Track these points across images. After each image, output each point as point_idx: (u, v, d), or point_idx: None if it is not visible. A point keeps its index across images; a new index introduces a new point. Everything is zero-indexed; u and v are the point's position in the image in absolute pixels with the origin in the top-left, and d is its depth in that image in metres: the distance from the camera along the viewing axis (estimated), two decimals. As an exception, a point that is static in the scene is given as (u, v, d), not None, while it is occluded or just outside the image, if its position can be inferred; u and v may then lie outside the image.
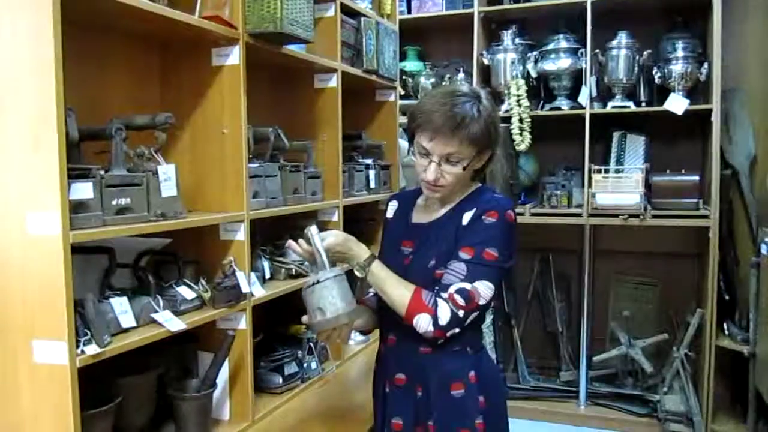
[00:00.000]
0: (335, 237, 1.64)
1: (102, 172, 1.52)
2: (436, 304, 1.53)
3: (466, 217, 1.60)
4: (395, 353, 1.70)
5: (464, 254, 1.55)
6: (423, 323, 1.53)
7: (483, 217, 1.58)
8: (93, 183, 1.47)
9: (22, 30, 1.36)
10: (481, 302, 1.54)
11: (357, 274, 1.63)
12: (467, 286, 1.53)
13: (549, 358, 4.12)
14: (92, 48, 1.82)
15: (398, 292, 1.57)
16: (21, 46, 1.36)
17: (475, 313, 1.56)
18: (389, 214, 1.86)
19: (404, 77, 4.17)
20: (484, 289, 1.54)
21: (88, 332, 1.44)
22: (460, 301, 1.52)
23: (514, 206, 1.64)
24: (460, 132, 1.53)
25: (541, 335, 4.17)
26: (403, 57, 4.28)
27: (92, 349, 1.43)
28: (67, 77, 1.37)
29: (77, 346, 1.40)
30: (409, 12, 4.15)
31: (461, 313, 1.52)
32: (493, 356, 3.89)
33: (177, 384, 1.85)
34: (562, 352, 4.03)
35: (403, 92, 4.08)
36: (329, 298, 1.52)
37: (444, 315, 1.52)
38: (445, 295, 1.53)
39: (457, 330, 1.54)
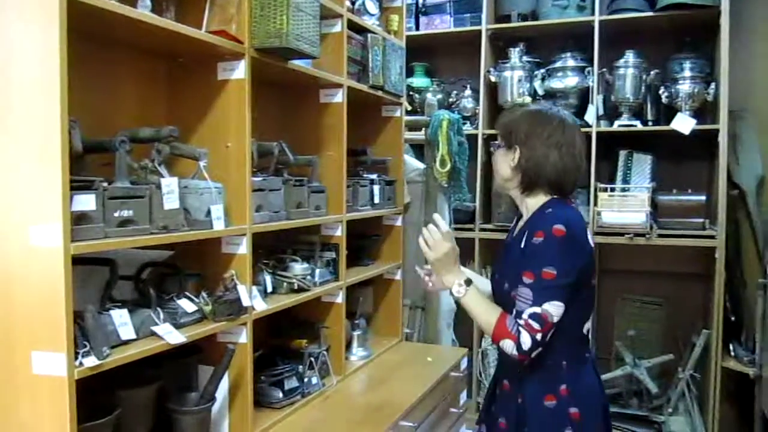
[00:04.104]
0: (451, 248, 1.77)
1: (105, 184, 1.53)
2: (518, 331, 1.61)
3: (524, 240, 1.70)
4: (503, 359, 1.84)
5: (527, 279, 1.64)
6: (508, 347, 1.62)
7: (533, 239, 1.65)
8: (95, 195, 1.48)
9: (28, 43, 1.38)
10: (554, 320, 1.61)
11: (453, 292, 1.76)
12: (537, 310, 1.60)
13: (553, 377, 4.08)
14: (100, 61, 1.84)
15: (485, 318, 1.69)
16: (28, 58, 1.38)
17: (552, 330, 1.62)
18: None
19: (411, 93, 4.18)
20: (554, 309, 1.60)
21: (87, 344, 1.44)
22: (535, 326, 1.59)
23: (573, 219, 1.68)
24: (498, 119, 1.88)
25: (546, 354, 4.13)
26: (410, 73, 4.29)
27: (91, 361, 1.43)
28: (74, 90, 1.39)
29: (76, 358, 1.41)
30: (418, 29, 4.17)
31: (539, 336, 1.60)
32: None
33: (177, 397, 1.85)
34: (566, 371, 3.99)
35: (409, 108, 4.09)
36: None
37: (525, 341, 1.59)
38: (521, 321, 1.61)
39: (540, 350, 1.62)
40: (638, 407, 3.80)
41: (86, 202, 1.46)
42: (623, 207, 3.59)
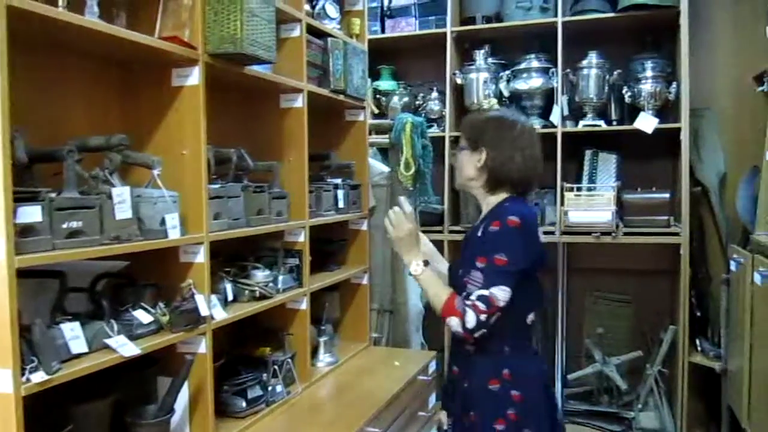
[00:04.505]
0: (413, 227, 1.90)
1: (52, 195, 1.49)
2: (465, 310, 1.72)
3: (481, 229, 1.83)
4: (452, 347, 2.02)
5: (479, 263, 1.75)
6: (454, 324, 1.74)
7: (489, 227, 1.79)
8: (42, 206, 1.44)
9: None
10: (501, 304, 1.72)
11: (411, 270, 1.88)
12: (486, 292, 1.72)
13: (525, 377, 4.09)
14: (50, 69, 1.80)
15: (437, 295, 1.80)
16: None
17: (498, 314, 1.73)
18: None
19: (378, 96, 4.17)
20: (501, 293, 1.72)
21: (36, 359, 1.41)
22: (482, 306, 1.71)
23: (528, 215, 1.82)
24: (462, 122, 2.02)
25: (517, 354, 4.14)
26: (377, 76, 4.29)
27: (39, 377, 1.40)
28: (22, 99, 1.36)
29: (23, 374, 1.37)
30: (383, 32, 4.16)
31: (483, 317, 1.71)
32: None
33: (135, 410, 1.81)
34: (537, 370, 4.01)
35: (377, 111, 4.09)
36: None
37: (470, 320, 1.71)
38: (469, 302, 1.73)
39: (484, 331, 1.73)
40: (609, 404, 3.83)
41: (32, 213, 1.42)
42: (590, 206, 3.61)
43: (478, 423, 1.82)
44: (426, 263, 1.87)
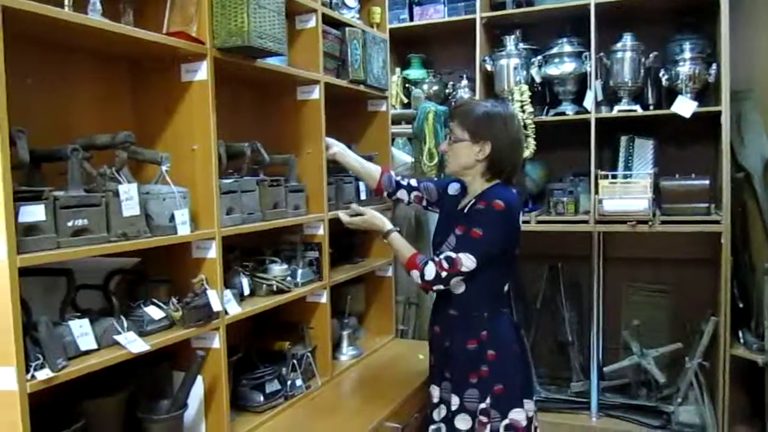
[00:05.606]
0: (361, 221, 2.22)
1: (57, 194, 1.50)
2: (425, 264, 2.00)
3: (468, 207, 2.07)
4: (435, 310, 2.20)
5: (458, 231, 2.03)
6: (415, 276, 2.03)
7: (476, 205, 2.03)
8: (45, 205, 1.45)
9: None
10: (463, 269, 1.97)
11: (383, 239, 2.20)
12: (453, 255, 1.98)
13: (560, 369, 4.01)
14: (60, 69, 1.81)
15: (402, 254, 2.09)
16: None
17: (458, 277, 1.99)
18: (451, 191, 2.28)
19: (408, 85, 4.12)
20: (466, 260, 1.97)
21: (41, 356, 1.42)
22: (445, 265, 1.98)
23: (512, 200, 2.03)
24: (457, 113, 2.13)
25: (552, 345, 4.06)
26: (407, 65, 4.24)
27: (44, 374, 1.41)
28: (31, 100, 1.37)
29: (27, 371, 1.39)
30: (411, 20, 4.10)
31: (443, 274, 1.97)
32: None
33: (148, 405, 1.83)
34: (572, 362, 3.92)
35: (406, 101, 4.03)
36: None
37: (429, 273, 1.99)
38: (436, 259, 2.00)
39: (441, 287, 2.01)
40: (647, 397, 3.72)
41: (35, 212, 1.43)
42: (625, 194, 3.49)
43: (455, 376, 2.07)
44: (390, 232, 2.15)
